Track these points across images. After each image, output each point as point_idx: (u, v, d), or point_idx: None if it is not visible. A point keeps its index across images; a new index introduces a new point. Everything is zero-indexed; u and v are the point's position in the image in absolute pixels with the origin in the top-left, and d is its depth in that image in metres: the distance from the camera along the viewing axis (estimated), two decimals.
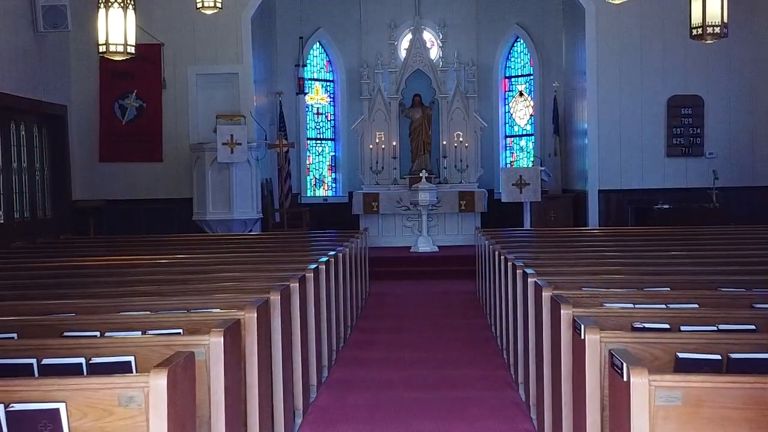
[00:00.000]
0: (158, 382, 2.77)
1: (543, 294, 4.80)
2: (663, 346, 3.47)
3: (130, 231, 13.08)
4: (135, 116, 13.91)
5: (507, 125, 17.43)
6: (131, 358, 3.43)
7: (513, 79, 17.34)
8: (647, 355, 3.43)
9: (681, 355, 3.34)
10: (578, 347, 3.69)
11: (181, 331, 3.94)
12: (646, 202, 13.43)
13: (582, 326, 3.57)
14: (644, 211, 13.35)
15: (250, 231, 13.28)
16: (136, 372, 3.32)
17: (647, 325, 3.94)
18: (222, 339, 3.51)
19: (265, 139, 14.62)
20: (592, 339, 3.47)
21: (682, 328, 3.90)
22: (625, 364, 2.83)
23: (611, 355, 3.07)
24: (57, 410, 2.73)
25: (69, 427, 2.75)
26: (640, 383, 2.75)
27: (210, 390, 3.46)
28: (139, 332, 3.97)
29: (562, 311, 4.14)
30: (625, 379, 2.81)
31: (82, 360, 3.42)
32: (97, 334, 3.99)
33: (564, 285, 5.11)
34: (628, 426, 2.79)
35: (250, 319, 4.12)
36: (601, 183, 13.85)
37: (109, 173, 13.86)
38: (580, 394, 3.65)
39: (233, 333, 3.78)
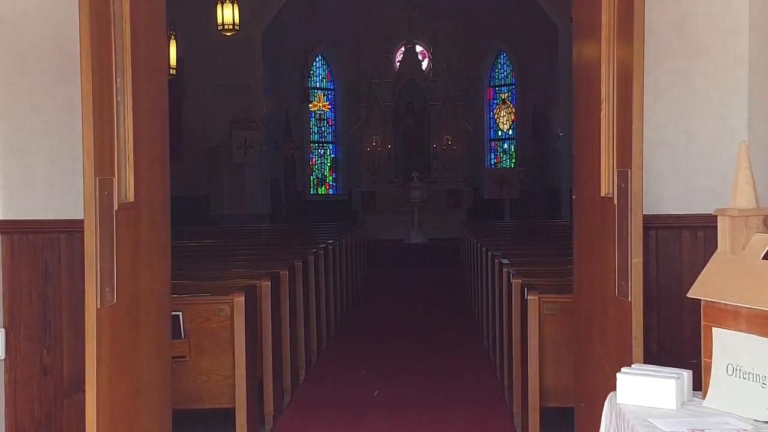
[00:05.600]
0: (239, 299, 4.51)
1: (495, 261, 6.54)
2: (566, 285, 5.18)
3: None
4: None
5: (491, 130, 19.19)
6: (208, 294, 5.15)
7: (496, 88, 19.10)
8: (554, 290, 5.15)
9: None
10: (509, 290, 5.42)
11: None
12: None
13: (510, 273, 5.31)
14: None
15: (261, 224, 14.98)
16: None
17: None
18: (270, 283, 5.24)
19: (274, 143, 16.34)
20: (516, 282, 5.19)
21: None
22: (525, 288, 4.57)
23: (521, 286, 4.80)
24: (178, 316, 4.45)
25: (184, 326, 4.48)
26: (533, 299, 4.49)
27: (262, 315, 5.18)
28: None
29: (504, 270, 5.87)
30: (525, 297, 4.55)
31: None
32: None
33: (513, 254, 6.84)
34: (526, 327, 4.52)
35: (284, 275, 5.85)
36: (572, 182, 15.54)
37: None
38: (509, 323, 5.37)
39: (275, 282, 5.50)
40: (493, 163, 19.12)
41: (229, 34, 12.48)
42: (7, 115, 3.35)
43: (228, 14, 12.33)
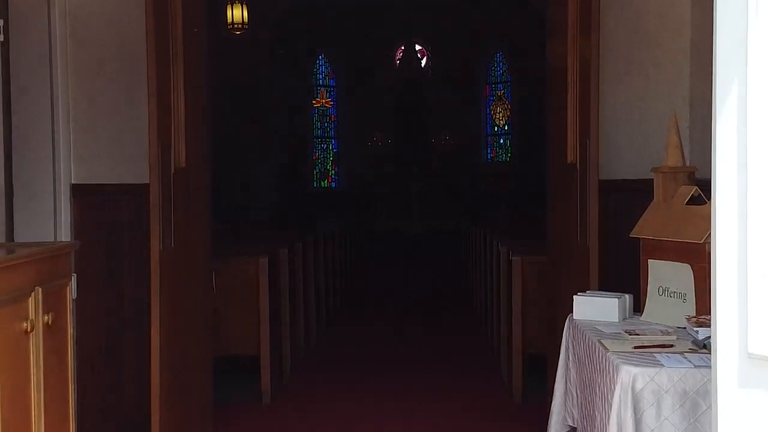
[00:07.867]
0: (263, 260, 5.23)
1: (487, 237, 7.26)
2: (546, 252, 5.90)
3: None
4: None
5: (488, 125, 19.91)
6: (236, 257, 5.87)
7: (493, 86, 19.81)
8: (536, 254, 5.86)
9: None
10: (497, 258, 6.13)
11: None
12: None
13: (499, 244, 6.03)
14: None
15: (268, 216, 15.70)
16: None
17: None
18: (287, 251, 5.97)
19: (279, 138, 17.04)
20: (503, 251, 5.90)
21: None
22: (510, 252, 5.29)
23: (507, 252, 5.53)
24: (210, 273, 5.15)
25: (216, 282, 5.19)
26: (517, 260, 5.21)
27: (280, 277, 5.90)
28: None
29: (494, 242, 6.59)
30: (510, 259, 5.27)
31: None
32: None
33: (504, 234, 7.55)
34: (512, 283, 5.24)
35: (297, 246, 6.59)
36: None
37: None
38: (498, 287, 6.09)
39: (291, 252, 6.23)
40: (489, 157, 19.83)
41: (238, 33, 13.17)
42: (78, 98, 4.05)
43: (237, 14, 13.02)
